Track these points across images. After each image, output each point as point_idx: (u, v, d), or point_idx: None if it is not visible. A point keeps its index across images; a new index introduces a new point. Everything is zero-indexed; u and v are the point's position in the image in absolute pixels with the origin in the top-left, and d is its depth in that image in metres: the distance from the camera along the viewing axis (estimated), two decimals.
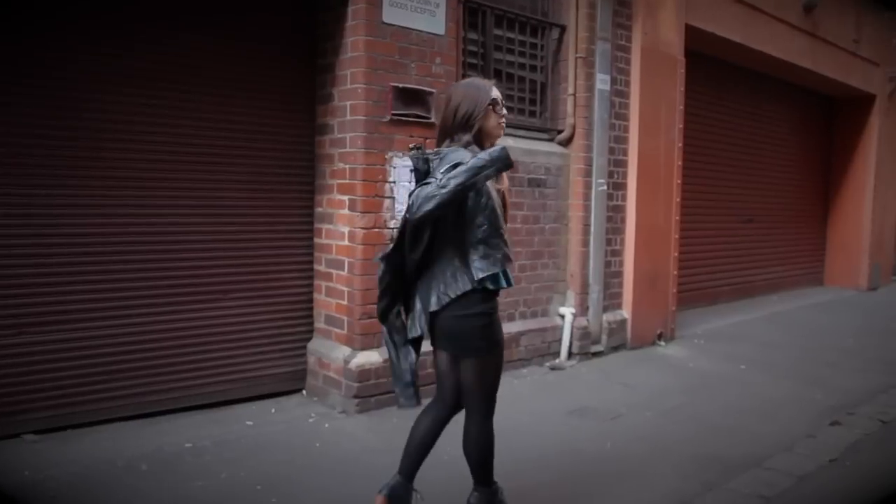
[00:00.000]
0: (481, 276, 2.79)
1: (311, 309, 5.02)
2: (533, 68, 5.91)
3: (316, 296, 4.98)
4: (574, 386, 5.36)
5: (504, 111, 3.02)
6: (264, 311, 4.82)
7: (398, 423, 4.39)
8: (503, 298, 5.60)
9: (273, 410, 4.66)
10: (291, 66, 4.83)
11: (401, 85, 4.65)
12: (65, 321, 4.11)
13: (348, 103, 4.61)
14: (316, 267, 4.97)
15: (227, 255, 4.65)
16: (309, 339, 5.00)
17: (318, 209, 4.92)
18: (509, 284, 2.95)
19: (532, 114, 5.93)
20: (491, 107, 2.91)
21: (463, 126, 2.87)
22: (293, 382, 4.98)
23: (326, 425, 4.40)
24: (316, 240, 4.95)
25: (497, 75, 5.64)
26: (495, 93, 2.95)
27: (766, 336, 7.21)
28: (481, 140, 2.92)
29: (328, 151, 4.81)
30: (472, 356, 2.89)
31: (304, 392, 4.98)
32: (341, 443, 4.13)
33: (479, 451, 2.98)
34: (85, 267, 4.17)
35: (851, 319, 8.41)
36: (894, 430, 4.50)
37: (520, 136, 5.79)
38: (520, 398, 5.01)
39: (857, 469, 3.88)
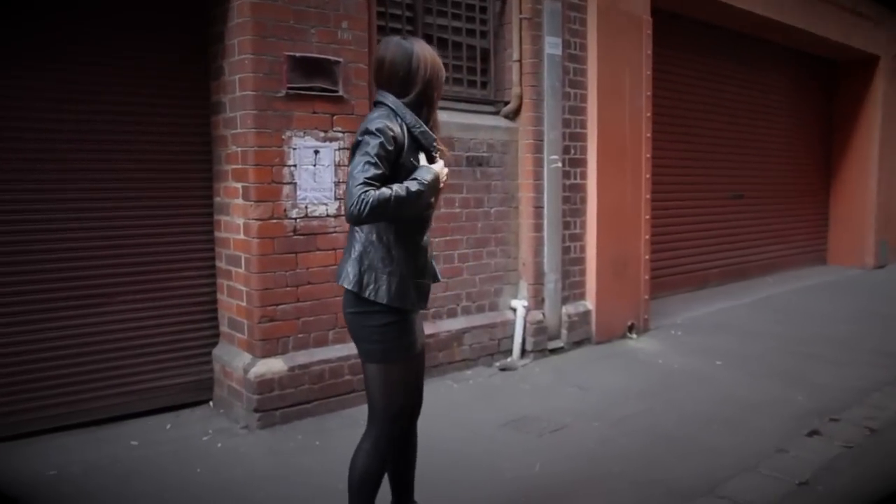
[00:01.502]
0: None
1: (215, 311, 4.45)
2: (473, 33, 5.26)
3: (219, 296, 4.41)
4: (520, 390, 4.75)
5: None
6: (160, 314, 4.25)
7: (303, 442, 3.86)
8: (441, 292, 5.07)
9: (168, 426, 4.10)
10: (180, 35, 4.22)
11: (298, 54, 4.03)
12: None
13: (237, 77, 4.00)
14: (217, 264, 4.39)
15: (114, 252, 4.08)
16: (215, 345, 4.44)
17: (217, 198, 4.33)
18: (434, 279, 2.58)
19: (472, 84, 5.28)
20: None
21: (404, 83, 2.41)
22: (198, 393, 4.41)
23: (219, 444, 3.84)
24: (216, 233, 4.37)
25: (428, 41, 4.98)
26: None
27: (751, 324, 6.53)
28: (422, 110, 2.46)
29: (222, 133, 4.21)
30: (367, 361, 2.45)
31: (211, 403, 4.43)
32: (228, 467, 3.56)
33: (360, 476, 2.47)
34: None
35: (852, 302, 7.69)
36: (882, 441, 3.84)
37: (458, 110, 5.14)
38: (453, 406, 4.42)
39: (830, 496, 3.24)
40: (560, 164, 5.48)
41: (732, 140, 8.40)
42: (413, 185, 2.29)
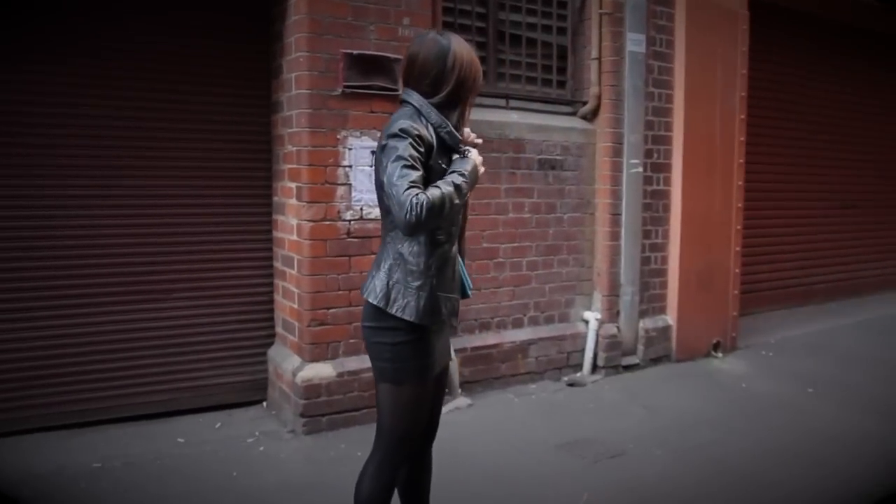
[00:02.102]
0: None
1: (272, 311, 4.42)
2: (549, 29, 4.99)
3: (275, 296, 4.37)
4: (585, 408, 4.46)
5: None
6: (217, 311, 4.26)
7: (345, 451, 3.75)
8: (506, 301, 4.84)
9: (218, 425, 4.11)
10: (243, 34, 4.21)
11: (355, 52, 3.92)
12: None
13: (293, 75, 3.93)
14: (274, 264, 4.36)
15: (173, 248, 4.12)
16: (270, 345, 4.42)
17: (275, 198, 4.29)
18: (463, 294, 2.36)
19: (547, 83, 5.02)
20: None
21: (436, 82, 2.20)
22: (253, 393, 4.40)
23: (261, 448, 3.79)
24: (274, 233, 4.34)
25: (501, 38, 4.78)
26: None
27: (855, 348, 5.91)
28: (452, 114, 2.25)
29: (280, 132, 4.17)
30: (378, 379, 2.30)
31: (264, 404, 4.40)
32: (263, 473, 3.50)
33: (365, 500, 2.30)
34: (19, 264, 3.77)
35: None
36: None
37: (532, 111, 4.90)
38: (508, 422, 4.20)
39: None
40: (641, 169, 5.13)
41: (844, 144, 7.66)
42: (457, 179, 2.11)
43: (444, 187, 2.06)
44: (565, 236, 5.02)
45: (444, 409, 4.29)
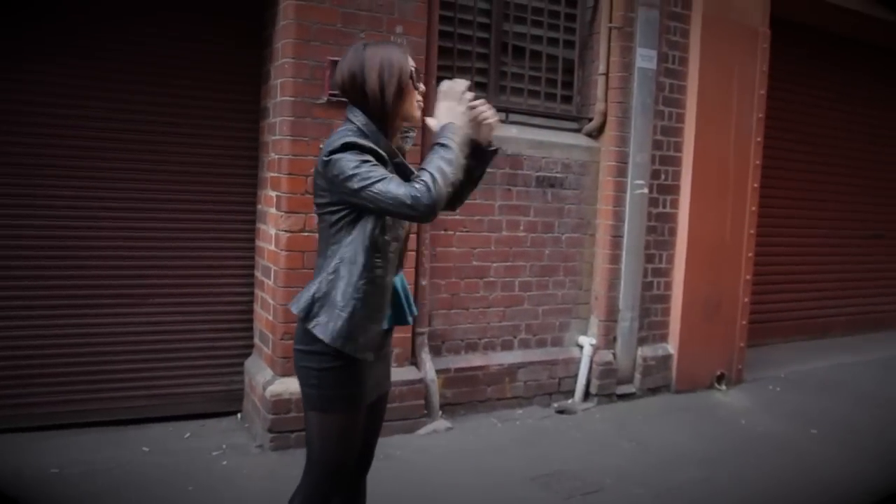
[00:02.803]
0: None
1: (251, 321, 4.32)
2: (556, 42, 4.81)
3: (254, 307, 4.27)
4: (570, 438, 4.27)
5: (422, 86, 2.19)
6: (197, 319, 4.18)
7: None
8: (495, 321, 4.67)
9: (187, 435, 4.01)
10: (236, 38, 4.11)
11: None
12: None
13: (279, 81, 3.83)
14: (255, 273, 4.26)
15: (152, 253, 4.05)
16: (248, 356, 4.31)
17: (259, 206, 4.20)
18: (395, 322, 2.18)
19: (551, 97, 4.84)
20: (411, 79, 2.12)
21: (365, 99, 2.06)
22: (228, 404, 4.29)
23: (225, 462, 3.68)
24: (256, 242, 4.24)
25: (504, 49, 4.62)
26: (411, 62, 2.14)
27: (868, 387, 5.59)
28: (388, 122, 2.11)
29: (266, 139, 4.07)
30: (305, 406, 2.15)
31: (239, 416, 4.30)
32: (220, 489, 3.39)
33: None
34: None
35: None
36: None
37: (532, 125, 4.73)
38: (487, 449, 4.03)
39: None
40: (646, 190, 4.92)
41: (869, 171, 7.31)
42: (444, 140, 1.98)
43: (435, 157, 1.94)
44: (563, 257, 4.83)
45: (422, 431, 4.19)
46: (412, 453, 3.92)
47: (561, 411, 4.71)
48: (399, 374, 4.14)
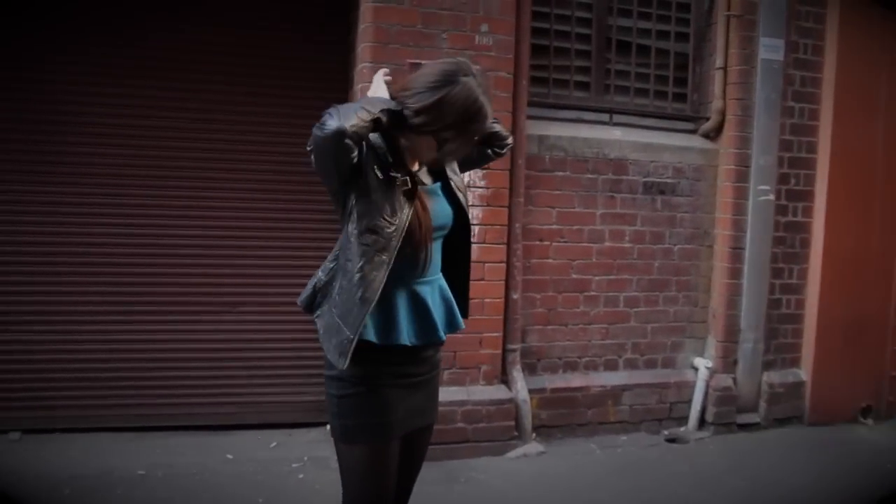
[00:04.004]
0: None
1: None
2: (666, 35, 4.40)
3: None
4: (675, 472, 3.84)
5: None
6: (287, 328, 4.15)
7: None
8: (597, 339, 4.31)
9: (273, 444, 4.00)
10: (325, 43, 4.08)
11: (424, 62, 3.62)
12: (58, 321, 3.90)
13: (359, 87, 3.73)
14: None
15: (243, 262, 4.08)
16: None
17: None
18: (418, 340, 1.92)
19: (661, 95, 4.43)
20: (474, 137, 1.91)
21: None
22: (318, 414, 4.21)
23: (301, 476, 3.62)
24: None
25: (607, 45, 4.29)
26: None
27: None
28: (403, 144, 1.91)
29: None
30: (332, 435, 1.99)
31: (328, 427, 4.22)
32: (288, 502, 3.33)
33: None
34: (88, 268, 3.93)
35: None
36: None
37: (640, 127, 4.36)
38: (580, 477, 3.72)
39: None
40: (772, 197, 4.38)
41: None
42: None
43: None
44: (674, 270, 4.40)
45: (511, 454, 3.93)
46: (496, 478, 3.67)
47: (671, 440, 4.27)
48: (487, 392, 3.93)
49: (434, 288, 1.96)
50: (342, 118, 1.68)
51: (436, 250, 1.96)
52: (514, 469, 3.79)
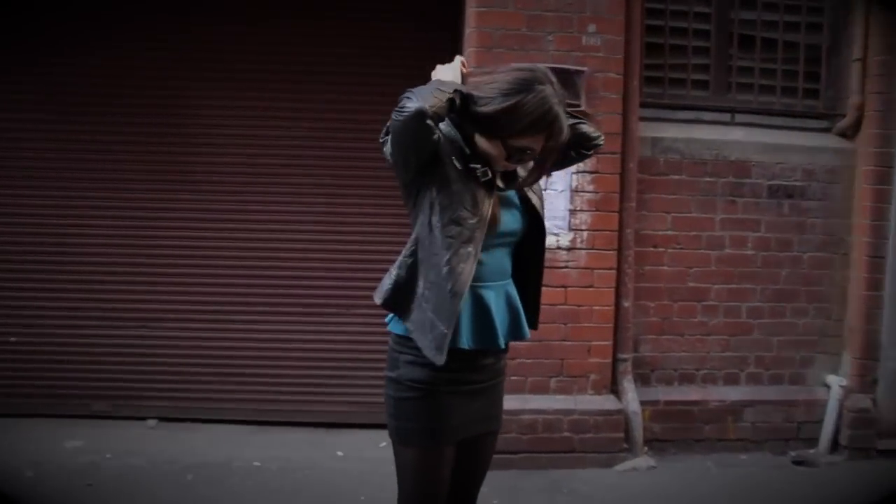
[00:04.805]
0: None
1: None
2: (795, 26, 4.10)
3: None
4: (800, 496, 3.57)
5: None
6: None
7: (483, 496, 3.45)
8: (717, 351, 4.08)
9: (383, 444, 4.05)
10: (436, 49, 4.13)
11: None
12: (192, 321, 4.23)
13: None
14: None
15: (359, 265, 4.20)
16: None
17: None
18: (476, 344, 1.88)
19: (789, 92, 4.13)
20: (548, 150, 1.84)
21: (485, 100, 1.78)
22: None
23: None
24: None
25: (729, 39, 4.06)
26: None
27: None
28: (475, 143, 1.85)
29: None
30: (390, 436, 1.99)
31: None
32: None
33: None
34: (217, 271, 4.22)
35: None
36: None
37: (764, 126, 4.09)
38: (692, 497, 3.54)
39: None
40: None
41: None
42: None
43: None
44: (804, 280, 4.09)
45: (619, 467, 3.81)
46: (601, 490, 3.56)
47: (799, 462, 3.97)
48: (596, 402, 3.84)
49: (500, 293, 1.92)
50: (421, 99, 1.68)
51: (504, 256, 1.93)
52: (622, 483, 3.66)
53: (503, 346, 1.93)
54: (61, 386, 4.19)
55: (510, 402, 3.70)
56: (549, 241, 3.68)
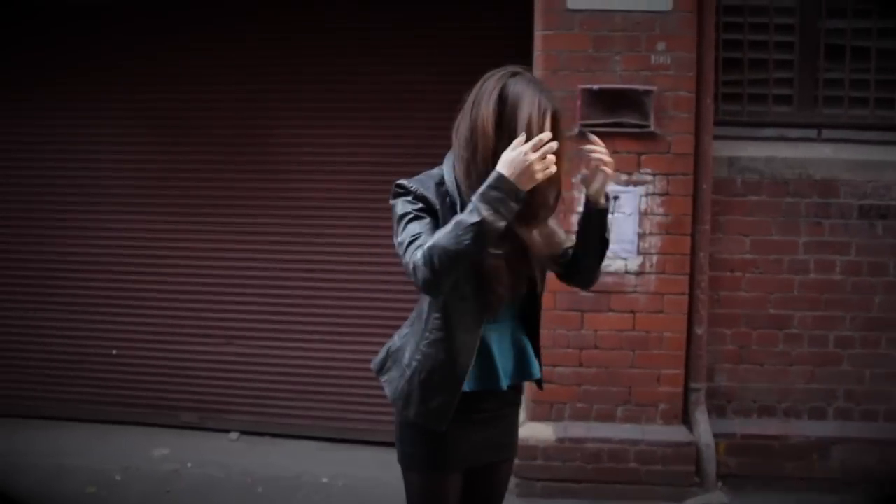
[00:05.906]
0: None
1: None
2: (891, 33, 3.77)
3: None
4: None
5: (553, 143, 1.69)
6: None
7: None
8: (801, 383, 3.82)
9: None
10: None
11: (596, 87, 3.53)
12: (270, 339, 4.41)
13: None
14: None
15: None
16: None
17: None
18: (475, 385, 1.86)
19: (886, 104, 3.82)
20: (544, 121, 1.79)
21: (471, 147, 1.79)
22: None
23: None
24: None
25: (815, 50, 3.81)
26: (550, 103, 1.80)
27: None
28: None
29: None
30: (397, 458, 2.04)
31: None
32: None
33: None
34: (301, 292, 4.39)
35: None
36: None
37: (854, 142, 3.81)
38: None
39: None
40: None
41: None
42: (473, 203, 1.63)
43: (446, 230, 1.65)
44: None
45: (690, 502, 3.64)
46: None
47: None
48: (665, 433, 3.70)
49: (503, 334, 1.91)
50: (428, 276, 1.65)
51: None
52: None
53: (503, 387, 1.90)
54: (154, 397, 4.48)
55: (575, 430, 3.71)
56: (617, 265, 3.66)
